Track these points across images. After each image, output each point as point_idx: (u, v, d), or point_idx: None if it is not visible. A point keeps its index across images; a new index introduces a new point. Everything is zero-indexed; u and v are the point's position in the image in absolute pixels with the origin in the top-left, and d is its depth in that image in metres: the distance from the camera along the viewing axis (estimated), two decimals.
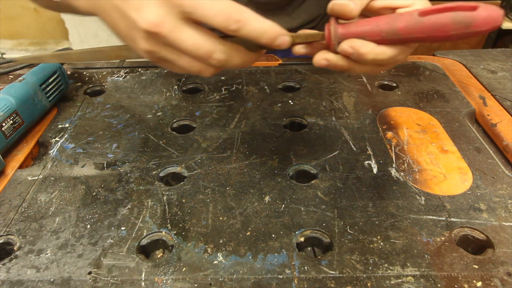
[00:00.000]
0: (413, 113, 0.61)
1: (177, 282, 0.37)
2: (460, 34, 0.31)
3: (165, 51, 0.34)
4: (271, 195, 0.47)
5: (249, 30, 0.32)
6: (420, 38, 0.32)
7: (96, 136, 0.57)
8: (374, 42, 0.34)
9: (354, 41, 0.35)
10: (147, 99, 0.66)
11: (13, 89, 0.55)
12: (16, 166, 0.52)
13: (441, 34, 0.31)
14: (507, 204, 0.45)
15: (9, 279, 0.38)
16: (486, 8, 0.30)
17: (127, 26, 0.34)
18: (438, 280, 0.37)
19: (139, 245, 0.41)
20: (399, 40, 0.33)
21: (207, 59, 0.34)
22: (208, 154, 0.53)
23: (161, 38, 0.33)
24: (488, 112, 0.60)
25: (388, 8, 0.37)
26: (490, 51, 0.79)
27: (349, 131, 0.57)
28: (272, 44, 0.34)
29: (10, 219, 0.44)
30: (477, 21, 0.30)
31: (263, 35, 0.33)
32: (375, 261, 0.39)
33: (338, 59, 0.37)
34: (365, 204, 0.45)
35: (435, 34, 0.31)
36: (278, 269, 0.38)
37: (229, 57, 0.34)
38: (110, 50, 0.41)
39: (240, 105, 0.64)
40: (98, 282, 0.37)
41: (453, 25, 0.30)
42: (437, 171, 0.50)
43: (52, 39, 2.26)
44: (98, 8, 0.36)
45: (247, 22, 0.32)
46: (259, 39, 0.33)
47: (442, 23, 0.31)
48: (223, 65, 0.35)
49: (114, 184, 0.49)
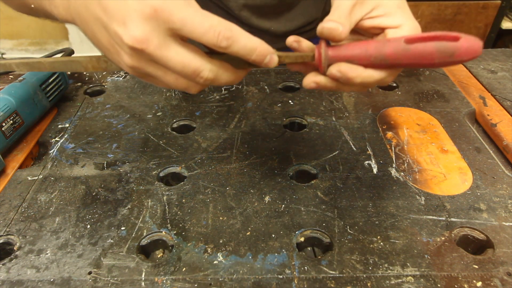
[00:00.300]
0: (413, 113, 0.61)
1: (177, 282, 0.37)
2: (444, 62, 0.32)
3: (151, 67, 0.33)
4: (271, 195, 0.47)
5: (239, 47, 0.32)
6: (406, 64, 0.34)
7: (96, 136, 0.57)
8: (363, 65, 0.35)
9: (342, 66, 0.35)
10: (147, 99, 0.66)
11: (13, 89, 0.55)
12: (16, 166, 0.52)
13: (426, 62, 0.33)
14: (507, 204, 0.45)
15: (9, 279, 0.38)
16: (467, 39, 0.31)
17: (109, 39, 0.32)
18: (438, 280, 0.37)
19: (139, 245, 0.41)
20: (386, 65, 0.35)
21: (194, 78, 0.33)
22: (208, 154, 0.53)
23: (146, 55, 0.31)
24: (488, 112, 0.60)
25: (378, 28, 0.38)
26: (490, 51, 0.79)
27: (349, 131, 0.57)
28: (261, 62, 0.34)
29: (10, 219, 0.44)
30: (460, 51, 0.31)
31: (253, 52, 0.33)
32: (375, 261, 0.39)
33: (327, 82, 0.37)
34: (365, 204, 0.45)
35: (420, 61, 0.33)
36: (278, 269, 0.38)
37: (217, 75, 0.34)
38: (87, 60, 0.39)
39: (240, 105, 0.64)
40: (98, 282, 0.37)
41: (438, 54, 0.32)
42: (437, 171, 0.50)
43: (52, 39, 2.26)
44: (77, 17, 0.34)
45: (237, 39, 0.32)
46: (249, 56, 0.33)
47: (427, 52, 0.32)
48: (210, 83, 0.34)
49: (114, 184, 0.49)
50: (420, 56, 0.33)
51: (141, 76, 0.35)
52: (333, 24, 0.35)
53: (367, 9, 0.38)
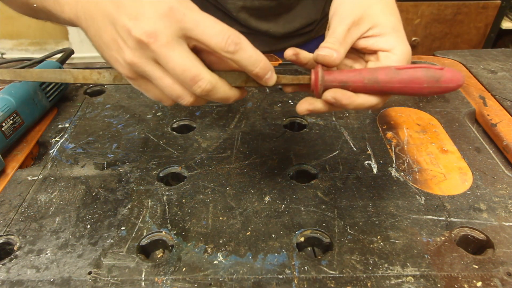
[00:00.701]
0: (413, 113, 0.61)
1: (177, 282, 0.37)
2: (432, 87, 0.35)
3: (150, 66, 0.33)
4: (271, 195, 0.47)
5: (244, 56, 0.32)
6: (397, 88, 0.36)
7: (96, 136, 0.57)
8: (357, 88, 0.37)
9: (337, 92, 0.36)
10: (147, 99, 0.66)
11: (13, 89, 0.55)
12: (16, 166, 0.52)
13: (416, 86, 0.35)
14: (507, 204, 0.45)
15: (9, 279, 0.38)
16: (450, 70, 0.35)
17: (113, 35, 0.32)
18: (438, 280, 0.37)
19: (139, 245, 0.41)
20: (378, 88, 0.36)
21: (191, 85, 0.33)
22: (208, 154, 0.53)
23: (150, 51, 0.31)
24: (488, 112, 0.60)
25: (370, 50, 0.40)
26: (490, 51, 0.79)
27: (349, 131, 0.58)
28: (262, 76, 0.34)
29: (10, 219, 0.44)
30: (445, 77, 0.35)
31: (257, 64, 0.33)
32: (375, 261, 0.39)
33: (321, 107, 0.38)
34: (365, 204, 0.45)
35: (410, 85, 0.36)
36: (278, 269, 0.38)
37: (215, 87, 0.34)
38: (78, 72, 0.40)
39: (240, 105, 0.64)
40: (98, 282, 0.37)
41: (426, 78, 0.35)
42: (437, 171, 0.50)
43: (52, 39, 2.26)
44: (82, 14, 0.34)
45: (244, 48, 0.32)
46: (252, 68, 0.33)
47: (416, 76, 0.35)
48: (206, 95, 0.34)
49: (114, 184, 0.49)
50: (409, 80, 0.35)
51: (136, 77, 0.35)
52: (328, 52, 0.37)
53: (364, 29, 0.39)
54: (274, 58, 0.78)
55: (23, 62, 0.71)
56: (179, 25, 0.31)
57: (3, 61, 0.74)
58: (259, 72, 0.34)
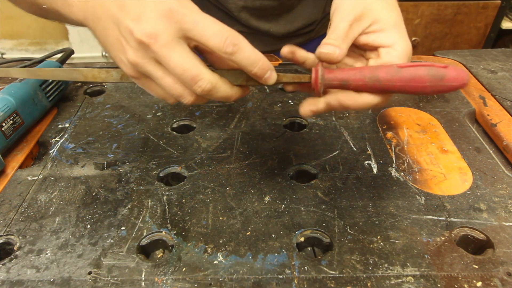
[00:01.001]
0: (413, 113, 0.61)
1: (177, 282, 0.37)
2: (435, 86, 0.34)
3: (151, 66, 0.33)
4: (271, 195, 0.47)
5: (243, 57, 0.32)
6: (399, 86, 0.35)
7: (96, 136, 0.57)
8: (358, 87, 0.36)
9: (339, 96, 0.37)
10: (147, 99, 0.66)
11: (13, 89, 0.55)
12: (16, 166, 0.52)
13: (418, 85, 0.34)
14: (507, 204, 0.45)
15: (9, 279, 0.38)
16: (454, 68, 0.34)
17: (118, 36, 0.33)
18: (438, 280, 0.37)
19: (139, 245, 0.41)
20: (379, 87, 0.35)
21: (192, 85, 0.33)
22: (208, 154, 0.53)
23: (151, 51, 0.32)
24: (488, 112, 0.60)
25: (371, 45, 0.39)
26: (490, 51, 0.79)
27: (349, 131, 0.58)
28: (262, 76, 0.34)
29: (10, 219, 0.44)
30: (449, 76, 0.33)
31: (256, 64, 0.33)
32: (375, 261, 0.39)
33: (324, 107, 0.38)
34: (365, 204, 0.45)
35: (412, 83, 0.34)
36: (278, 269, 0.38)
37: (215, 86, 0.34)
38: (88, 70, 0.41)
39: (240, 105, 0.64)
40: (98, 282, 0.37)
41: (429, 77, 0.34)
42: (437, 171, 0.50)
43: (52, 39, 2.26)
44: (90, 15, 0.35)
45: (243, 48, 0.32)
46: (251, 68, 0.33)
47: (419, 74, 0.34)
48: (206, 94, 0.34)
49: (114, 184, 0.49)
50: (411, 79, 0.34)
51: (138, 76, 0.35)
52: (330, 49, 0.36)
53: (365, 25, 0.39)
54: (274, 58, 0.78)
55: (23, 62, 0.71)
56: (179, 25, 0.32)
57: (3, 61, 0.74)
58: (258, 72, 0.34)
